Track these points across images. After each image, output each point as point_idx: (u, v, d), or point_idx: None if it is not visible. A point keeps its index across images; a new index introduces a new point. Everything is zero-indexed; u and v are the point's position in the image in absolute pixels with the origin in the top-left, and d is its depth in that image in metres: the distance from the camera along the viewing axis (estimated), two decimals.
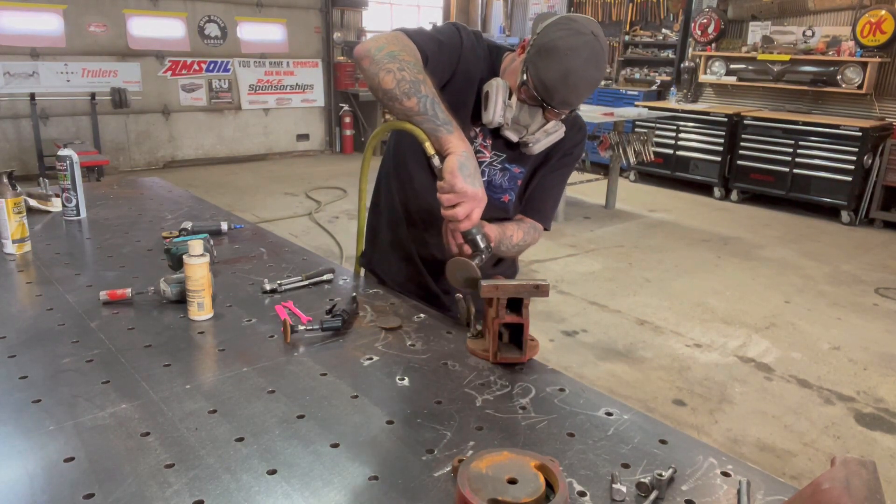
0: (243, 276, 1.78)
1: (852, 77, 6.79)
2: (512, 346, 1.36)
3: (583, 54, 1.34)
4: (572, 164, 1.69)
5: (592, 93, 1.47)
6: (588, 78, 1.36)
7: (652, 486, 0.95)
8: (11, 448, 1.02)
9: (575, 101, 1.41)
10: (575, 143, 1.64)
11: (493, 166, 1.61)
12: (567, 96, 1.39)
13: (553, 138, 1.51)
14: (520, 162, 1.61)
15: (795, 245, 5.86)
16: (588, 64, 1.35)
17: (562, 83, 1.36)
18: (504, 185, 1.61)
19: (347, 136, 9.81)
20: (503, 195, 1.62)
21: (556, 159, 1.64)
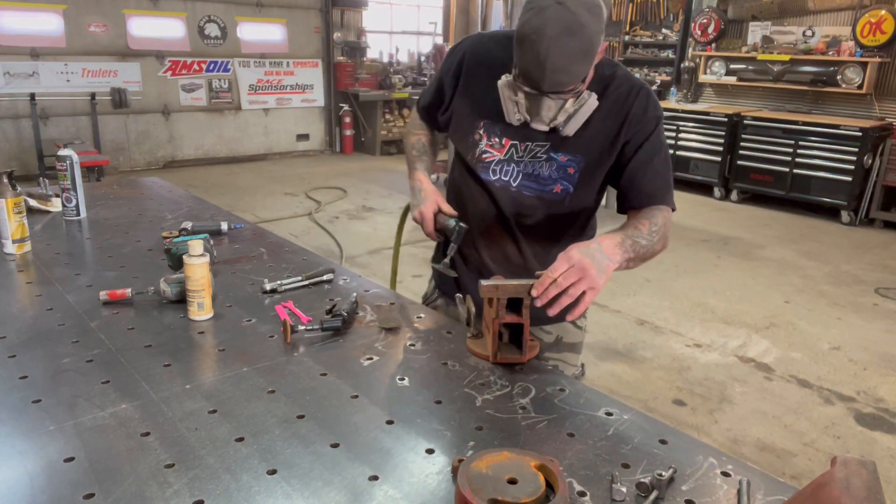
0: (243, 276, 1.78)
1: (852, 77, 6.79)
2: (512, 346, 1.36)
3: (549, 31, 1.24)
4: (652, 128, 1.48)
5: (586, 60, 1.29)
6: (565, 52, 1.26)
7: (652, 486, 0.95)
8: (11, 448, 1.02)
9: (566, 79, 1.31)
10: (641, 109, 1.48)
11: (538, 158, 1.52)
12: (552, 79, 1.30)
13: (583, 112, 1.39)
14: (567, 149, 1.50)
15: (795, 245, 5.86)
16: (559, 39, 1.24)
17: (539, 69, 1.28)
18: (553, 175, 1.52)
19: (347, 136, 9.81)
20: (554, 186, 1.52)
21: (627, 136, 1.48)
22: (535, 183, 1.53)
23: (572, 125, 1.41)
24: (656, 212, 1.49)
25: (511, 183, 1.56)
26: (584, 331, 1.77)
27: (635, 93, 1.48)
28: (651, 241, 1.44)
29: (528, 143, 1.52)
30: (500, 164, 1.56)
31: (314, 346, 1.40)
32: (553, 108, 1.37)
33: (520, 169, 1.54)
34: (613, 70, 1.51)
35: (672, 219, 1.52)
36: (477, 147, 1.57)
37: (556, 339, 1.71)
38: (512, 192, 1.56)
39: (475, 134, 1.57)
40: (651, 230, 1.45)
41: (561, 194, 1.53)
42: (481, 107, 1.54)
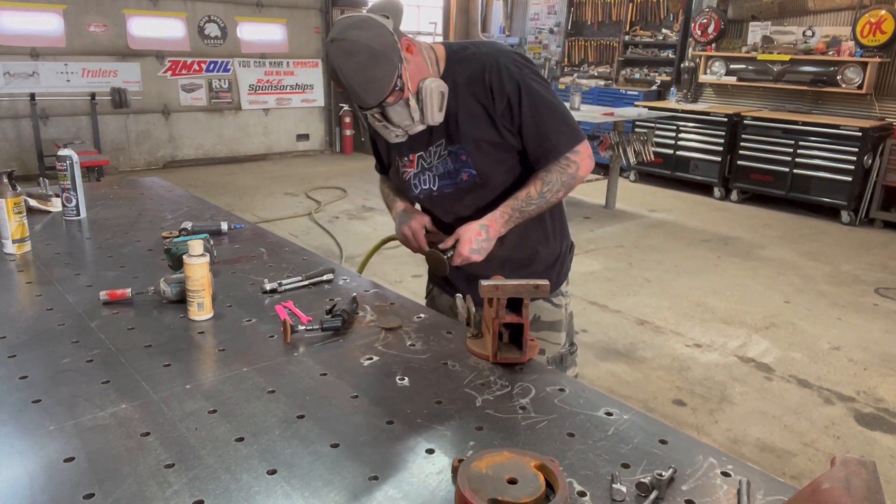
0: (243, 276, 1.78)
1: (852, 77, 6.79)
2: (512, 346, 1.36)
3: (338, 63, 1.40)
4: (517, 90, 1.55)
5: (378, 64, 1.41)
6: (356, 70, 1.40)
7: (652, 486, 0.95)
8: (11, 448, 1.02)
9: (375, 87, 1.42)
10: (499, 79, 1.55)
11: (441, 157, 1.64)
12: (366, 94, 1.43)
13: (431, 98, 1.49)
14: (454, 139, 1.61)
15: (795, 245, 5.86)
16: (346, 65, 1.40)
17: (355, 94, 1.43)
18: (456, 166, 1.63)
19: (347, 136, 9.81)
20: (461, 175, 1.63)
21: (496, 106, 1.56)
22: (448, 179, 1.65)
23: (429, 113, 1.51)
24: (552, 167, 1.59)
25: (432, 189, 1.68)
26: (563, 309, 1.84)
27: (488, 67, 1.56)
28: (542, 201, 1.60)
29: (430, 147, 1.65)
30: (416, 177, 1.69)
31: (314, 346, 1.40)
32: (401, 112, 1.49)
33: (433, 173, 1.67)
34: (465, 52, 1.61)
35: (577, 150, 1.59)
36: (399, 170, 1.73)
37: (534, 318, 1.74)
38: (435, 196, 1.68)
39: (394, 163, 1.74)
40: (542, 191, 1.59)
41: (469, 180, 1.63)
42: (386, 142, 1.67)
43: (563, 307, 1.84)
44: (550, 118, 1.58)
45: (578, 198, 7.03)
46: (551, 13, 10.34)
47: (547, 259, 1.78)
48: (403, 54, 1.46)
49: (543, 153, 1.59)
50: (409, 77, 1.47)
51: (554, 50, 10.29)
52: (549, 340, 1.80)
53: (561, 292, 1.83)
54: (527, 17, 10.75)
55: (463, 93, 1.57)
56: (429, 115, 1.51)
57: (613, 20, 9.50)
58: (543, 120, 1.58)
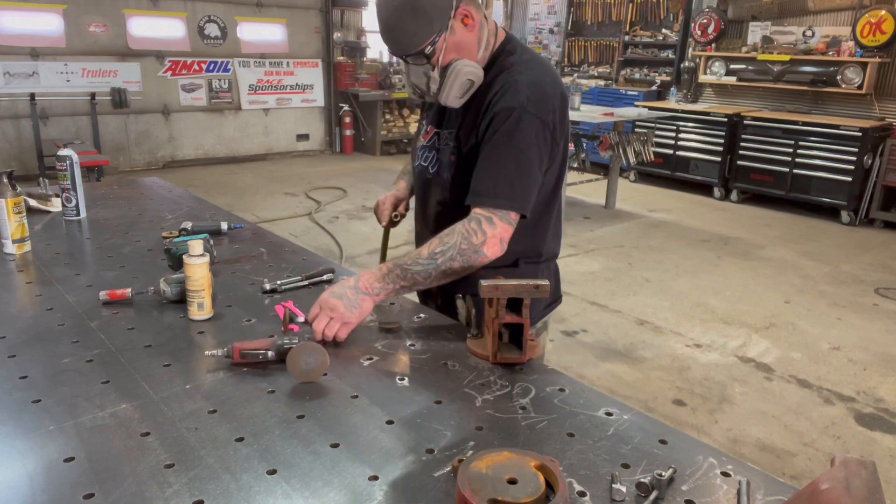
0: (243, 276, 1.78)
1: (852, 77, 6.79)
2: (512, 346, 1.36)
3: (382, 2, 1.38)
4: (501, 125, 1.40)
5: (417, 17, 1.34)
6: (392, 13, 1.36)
7: (652, 486, 0.95)
8: (11, 448, 1.02)
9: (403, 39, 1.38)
10: (493, 99, 1.43)
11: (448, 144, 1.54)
12: (393, 39, 1.39)
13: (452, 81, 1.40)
14: (456, 135, 1.53)
15: (795, 245, 5.86)
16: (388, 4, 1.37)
17: (384, 34, 1.40)
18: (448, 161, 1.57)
19: (347, 136, 9.81)
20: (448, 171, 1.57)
21: (481, 129, 1.45)
22: (444, 170, 1.57)
23: (444, 93, 1.43)
24: (459, 226, 1.40)
25: (429, 168, 1.61)
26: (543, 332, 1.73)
27: (500, 84, 1.44)
28: (431, 264, 1.38)
29: (444, 130, 1.57)
30: (423, 150, 1.63)
31: None
32: (418, 75, 1.45)
33: (438, 156, 1.58)
34: (509, 58, 1.48)
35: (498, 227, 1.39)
36: (418, 137, 1.69)
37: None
38: (428, 178, 1.62)
39: (420, 127, 1.70)
40: (434, 251, 1.39)
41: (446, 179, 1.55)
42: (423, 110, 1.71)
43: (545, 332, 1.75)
44: (505, 168, 1.39)
45: (578, 198, 7.03)
46: (551, 13, 10.34)
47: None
48: (453, 23, 1.37)
49: (477, 190, 1.41)
50: (445, 48, 1.38)
51: (554, 50, 10.29)
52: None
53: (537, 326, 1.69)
54: (527, 17, 10.75)
55: (482, 91, 1.46)
56: (444, 95, 1.43)
57: (613, 20, 9.50)
58: (498, 163, 1.39)
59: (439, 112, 1.59)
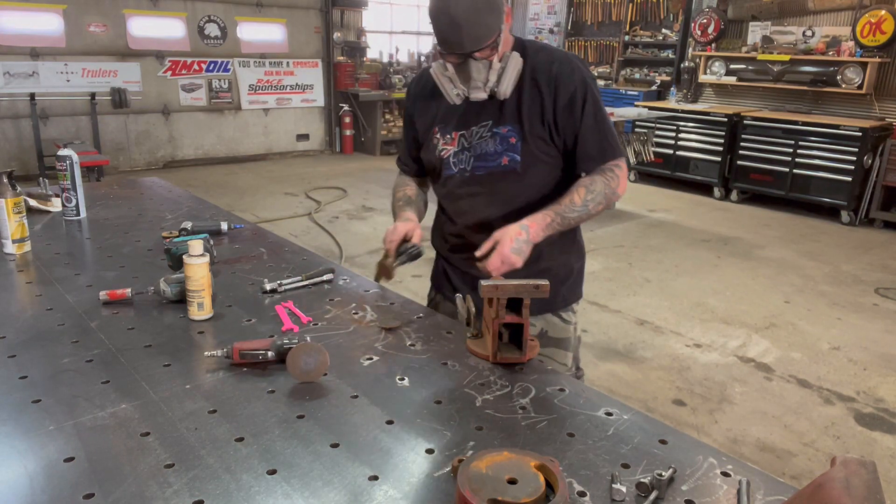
0: (243, 276, 1.78)
1: (852, 77, 6.78)
2: (512, 346, 1.36)
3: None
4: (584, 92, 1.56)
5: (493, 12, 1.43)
6: (469, 8, 1.39)
7: (652, 486, 0.95)
8: (11, 448, 1.02)
9: (480, 32, 1.42)
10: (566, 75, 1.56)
11: (484, 138, 1.61)
12: (468, 34, 1.42)
13: (511, 69, 1.50)
14: (506, 121, 1.59)
15: (795, 245, 5.86)
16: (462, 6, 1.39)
17: (455, 30, 1.41)
18: (497, 149, 1.60)
19: (347, 136, 9.81)
20: (500, 159, 1.60)
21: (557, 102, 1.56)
22: (485, 161, 1.62)
23: (505, 83, 1.50)
24: (597, 177, 1.59)
25: (467, 169, 1.65)
26: (571, 325, 1.77)
27: (557, 60, 1.58)
28: (584, 210, 1.57)
29: (473, 127, 1.62)
30: (455, 156, 1.66)
31: None
32: (482, 70, 1.48)
33: (471, 154, 1.63)
34: (534, 43, 1.62)
35: (623, 168, 1.61)
36: (436, 148, 1.69)
37: (541, 332, 1.72)
38: (467, 177, 1.65)
39: (433, 139, 1.70)
40: (585, 199, 1.56)
41: (509, 165, 1.60)
42: (433, 117, 1.70)
43: (573, 325, 1.78)
44: (608, 125, 1.61)
45: None
46: (551, 13, 10.34)
47: (559, 273, 1.71)
48: (504, 18, 1.48)
49: (598, 154, 1.59)
50: (502, 41, 1.48)
51: None
52: (555, 359, 1.72)
53: (572, 309, 1.77)
54: (527, 17, 10.75)
55: (526, 78, 1.56)
56: (504, 86, 1.51)
57: (613, 20, 9.50)
58: (604, 124, 1.59)
59: (456, 115, 1.62)
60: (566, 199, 1.56)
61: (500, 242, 1.47)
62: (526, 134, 1.58)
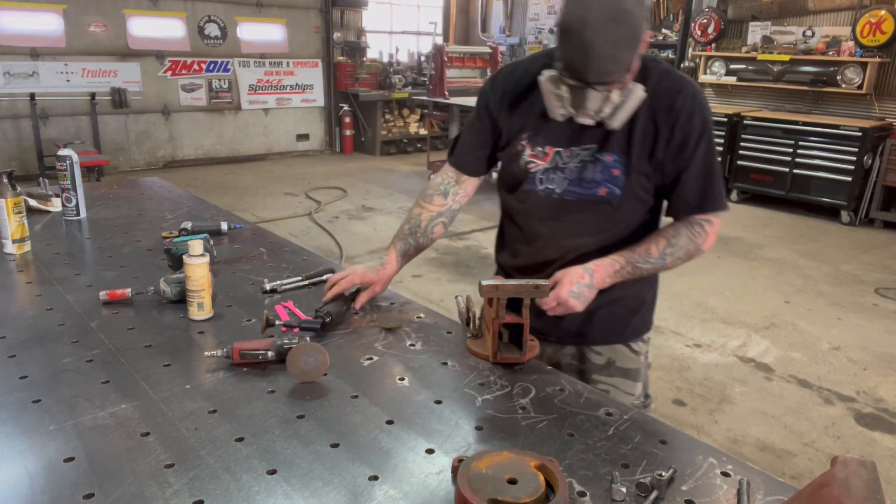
0: (243, 276, 1.78)
1: (852, 77, 6.78)
2: (512, 346, 1.36)
3: (593, 20, 1.21)
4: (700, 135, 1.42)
5: (632, 47, 1.27)
6: (610, 40, 1.23)
7: (652, 486, 0.95)
8: (11, 448, 1.02)
9: (612, 68, 1.27)
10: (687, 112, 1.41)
11: (583, 161, 1.46)
12: (598, 68, 1.26)
13: (630, 104, 1.35)
14: (612, 149, 1.44)
15: (795, 245, 5.86)
16: (603, 27, 1.21)
17: (584, 59, 1.25)
18: (597, 177, 1.45)
19: (347, 136, 9.81)
20: (598, 188, 1.46)
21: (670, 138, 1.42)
22: (578, 187, 1.48)
23: (619, 117, 1.36)
24: (683, 229, 1.48)
25: (555, 190, 1.50)
26: (641, 356, 1.67)
27: (682, 92, 1.42)
28: (660, 263, 1.47)
29: (574, 147, 1.47)
30: (545, 173, 1.50)
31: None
32: (598, 100, 1.33)
33: (565, 175, 1.48)
34: (657, 64, 1.46)
35: (716, 224, 1.49)
36: (521, 158, 1.52)
37: (608, 362, 1.63)
38: (554, 199, 1.50)
39: (518, 145, 1.53)
40: (664, 252, 1.46)
41: (606, 197, 1.46)
42: (523, 121, 1.52)
43: (643, 355, 1.67)
44: (717, 173, 1.48)
45: None
46: (551, 13, 10.34)
47: (630, 303, 1.63)
48: (642, 46, 1.31)
49: (697, 203, 1.46)
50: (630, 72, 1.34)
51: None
52: (621, 389, 1.63)
53: (643, 339, 1.67)
54: (527, 17, 10.75)
55: (643, 105, 1.39)
56: (617, 120, 1.37)
57: None
58: (713, 172, 1.46)
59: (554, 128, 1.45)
60: (642, 248, 1.46)
61: (560, 283, 1.38)
62: (632, 167, 1.44)
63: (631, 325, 1.65)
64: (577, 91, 1.33)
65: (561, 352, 1.66)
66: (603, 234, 1.51)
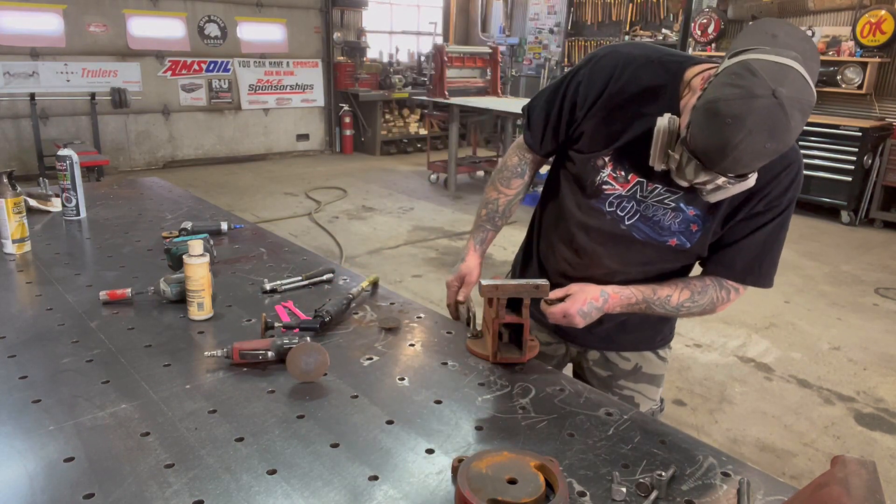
0: (243, 276, 1.78)
1: (852, 77, 6.79)
2: (512, 346, 1.36)
3: (751, 125, 1.06)
4: (780, 212, 1.36)
5: (769, 160, 1.15)
6: (758, 153, 1.10)
7: (652, 486, 0.95)
8: (11, 448, 1.02)
9: (742, 171, 1.16)
10: (783, 187, 1.33)
11: (664, 204, 1.37)
12: (729, 168, 1.15)
13: (736, 190, 1.21)
14: (695, 203, 1.35)
15: (795, 245, 5.86)
16: (758, 137, 1.07)
17: (720, 156, 1.12)
18: (673, 227, 1.38)
19: (347, 136, 9.81)
20: (670, 238, 1.39)
21: (753, 205, 1.35)
22: (649, 228, 1.40)
23: (718, 196, 1.24)
24: (711, 289, 1.43)
25: (624, 220, 1.41)
26: (666, 363, 1.66)
27: (789, 167, 1.33)
28: (674, 312, 1.44)
29: (659, 186, 1.37)
30: (619, 199, 1.40)
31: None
32: (708, 177, 1.19)
33: (639, 209, 1.39)
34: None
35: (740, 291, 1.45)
36: (598, 174, 1.41)
37: (635, 368, 1.62)
38: (621, 229, 1.42)
39: (599, 159, 1.40)
40: (682, 303, 1.42)
41: (675, 248, 1.40)
42: (615, 133, 1.38)
43: (667, 360, 1.66)
44: (777, 253, 1.43)
45: None
46: (551, 13, 10.34)
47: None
48: None
49: (741, 271, 1.42)
50: None
51: (554, 50, 10.29)
52: (645, 395, 1.63)
53: (669, 346, 1.67)
54: (527, 17, 10.76)
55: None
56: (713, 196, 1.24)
57: (613, 20, 9.51)
58: (774, 249, 1.41)
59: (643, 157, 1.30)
60: (664, 292, 1.41)
61: (573, 297, 1.35)
62: (710, 228, 1.38)
63: (662, 333, 1.64)
64: (690, 164, 1.19)
65: (584, 355, 1.65)
66: (651, 269, 1.47)
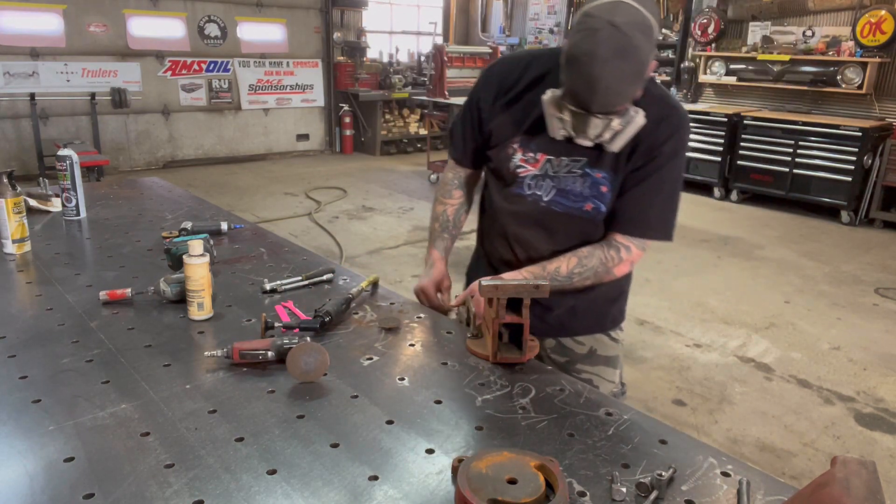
0: (243, 276, 1.78)
1: (852, 77, 6.79)
2: (512, 346, 1.36)
3: (602, 54, 1.21)
4: (662, 164, 1.45)
5: (637, 82, 1.29)
6: (617, 75, 1.24)
7: (652, 486, 0.95)
8: (11, 448, 1.02)
9: (616, 101, 1.29)
10: (661, 138, 1.43)
11: (572, 173, 1.48)
12: (602, 101, 1.28)
13: (630, 130, 1.35)
14: (602, 166, 1.46)
15: (795, 245, 5.86)
16: (611, 63, 1.22)
17: (590, 91, 1.27)
18: (585, 192, 1.48)
19: (347, 136, 9.81)
20: (584, 203, 1.48)
21: (636, 159, 1.45)
22: (565, 199, 1.50)
23: (618, 142, 1.38)
24: (597, 251, 1.50)
25: (542, 197, 1.52)
26: (620, 344, 1.72)
27: (666, 118, 1.44)
28: (567, 282, 1.50)
29: (564, 157, 1.48)
30: (534, 179, 1.52)
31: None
32: (599, 126, 1.34)
33: (554, 184, 1.51)
34: (654, 88, 1.46)
35: (635, 254, 1.51)
36: (511, 161, 1.54)
37: (590, 351, 1.68)
38: (541, 206, 1.53)
39: (509, 148, 1.54)
40: (573, 271, 1.50)
41: (591, 213, 1.49)
42: (515, 125, 1.53)
43: (620, 343, 1.73)
44: (660, 200, 1.48)
45: None
46: (551, 13, 10.34)
47: (610, 294, 1.66)
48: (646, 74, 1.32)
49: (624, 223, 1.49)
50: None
51: None
52: (603, 377, 1.68)
53: (620, 328, 1.73)
54: (527, 17, 10.75)
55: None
56: (616, 144, 1.38)
57: None
58: (659, 199, 1.48)
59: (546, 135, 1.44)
60: (552, 266, 1.50)
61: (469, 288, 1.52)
62: (616, 184, 1.47)
63: (610, 315, 1.71)
64: (579, 117, 1.34)
65: (542, 344, 1.69)
66: (581, 244, 1.54)
